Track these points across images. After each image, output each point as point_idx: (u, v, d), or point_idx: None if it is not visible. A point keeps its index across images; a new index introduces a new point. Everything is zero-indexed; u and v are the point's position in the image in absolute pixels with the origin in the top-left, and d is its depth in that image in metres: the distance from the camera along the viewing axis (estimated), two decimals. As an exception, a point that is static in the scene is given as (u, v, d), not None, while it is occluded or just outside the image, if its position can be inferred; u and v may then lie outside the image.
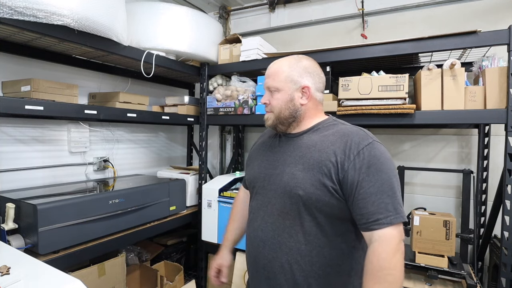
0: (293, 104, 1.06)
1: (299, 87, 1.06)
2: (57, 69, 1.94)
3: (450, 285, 1.68)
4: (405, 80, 1.62)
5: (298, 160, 1.00)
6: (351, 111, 1.71)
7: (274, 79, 1.07)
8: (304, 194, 0.94)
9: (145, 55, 1.90)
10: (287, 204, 0.98)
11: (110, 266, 1.71)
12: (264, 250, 1.02)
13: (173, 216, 2.10)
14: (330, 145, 0.97)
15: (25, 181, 1.81)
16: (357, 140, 0.95)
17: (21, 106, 1.36)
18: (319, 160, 0.96)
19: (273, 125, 1.09)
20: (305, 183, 0.95)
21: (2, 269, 0.95)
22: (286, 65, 1.08)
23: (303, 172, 0.97)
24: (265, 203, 1.05)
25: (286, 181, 0.99)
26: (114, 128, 2.34)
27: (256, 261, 1.06)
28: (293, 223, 0.98)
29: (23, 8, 1.23)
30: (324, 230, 0.96)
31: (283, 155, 1.06)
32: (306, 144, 1.02)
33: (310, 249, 0.96)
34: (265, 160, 1.12)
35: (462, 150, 2.11)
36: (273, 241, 1.01)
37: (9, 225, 1.38)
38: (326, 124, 1.07)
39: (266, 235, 1.03)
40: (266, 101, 1.10)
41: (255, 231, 1.07)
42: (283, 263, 0.98)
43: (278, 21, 2.71)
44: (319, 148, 0.98)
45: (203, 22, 2.19)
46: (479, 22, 1.98)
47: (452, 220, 1.69)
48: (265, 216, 1.05)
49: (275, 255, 1.00)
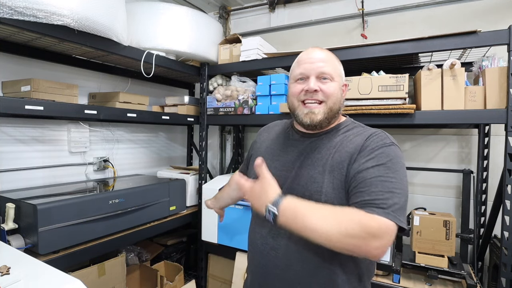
0: (342, 97, 0.98)
1: (343, 83, 0.99)
2: (57, 69, 1.94)
3: (450, 285, 1.68)
4: (405, 80, 1.62)
5: (317, 162, 0.92)
6: (351, 111, 1.71)
7: (331, 66, 0.95)
8: (327, 200, 0.87)
9: (145, 55, 1.90)
10: None
11: (110, 266, 1.71)
12: (276, 259, 0.94)
13: (173, 216, 2.10)
14: (350, 145, 0.91)
15: (25, 181, 1.81)
16: (377, 139, 0.90)
17: (21, 106, 1.36)
18: (339, 161, 0.89)
19: (322, 120, 0.94)
20: (326, 187, 0.88)
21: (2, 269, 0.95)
22: (334, 56, 1.00)
23: (323, 175, 0.89)
24: None
25: (304, 185, 0.92)
26: (114, 128, 2.34)
27: (266, 271, 0.97)
28: None
29: (23, 8, 1.23)
30: None
31: (300, 157, 0.97)
32: (327, 146, 0.95)
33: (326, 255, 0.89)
34: (276, 161, 1.02)
35: (462, 150, 2.11)
36: (287, 249, 0.93)
37: (9, 225, 1.38)
38: (347, 125, 1.00)
39: (279, 243, 0.94)
40: (317, 88, 0.93)
41: (264, 238, 0.98)
42: (298, 275, 0.91)
43: (278, 21, 2.71)
44: (340, 150, 0.92)
45: (203, 22, 2.19)
46: (479, 22, 1.98)
47: (452, 220, 1.69)
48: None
49: (290, 264, 0.92)
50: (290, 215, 0.81)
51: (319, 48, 1.00)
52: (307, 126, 0.97)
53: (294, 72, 1.00)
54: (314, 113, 0.94)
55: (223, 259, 2.25)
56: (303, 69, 0.96)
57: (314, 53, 0.98)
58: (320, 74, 0.95)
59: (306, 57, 0.98)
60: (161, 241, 2.43)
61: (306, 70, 0.96)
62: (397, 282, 1.68)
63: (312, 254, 0.91)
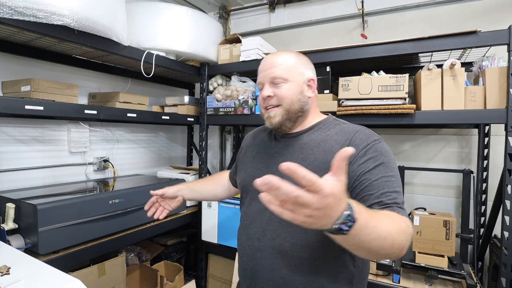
0: (303, 96, 0.99)
1: (306, 79, 1.00)
2: (57, 69, 1.94)
3: (450, 285, 1.68)
4: (405, 80, 1.62)
5: (301, 162, 0.92)
6: (351, 111, 1.71)
7: (281, 68, 0.97)
8: None
9: (145, 55, 1.90)
10: None
11: (110, 266, 1.71)
12: (262, 260, 0.94)
13: (173, 216, 2.10)
14: (335, 145, 0.92)
15: (25, 181, 1.81)
16: (363, 137, 0.91)
17: (21, 106, 1.36)
18: (325, 160, 0.90)
19: (281, 121, 0.97)
20: None
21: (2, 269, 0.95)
22: (292, 56, 1.02)
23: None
24: (261, 209, 0.96)
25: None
26: (114, 128, 2.34)
27: (253, 274, 0.97)
28: (297, 230, 0.89)
29: (23, 8, 1.22)
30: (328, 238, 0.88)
31: (281, 157, 0.99)
32: (308, 145, 0.96)
33: (314, 258, 0.89)
34: (260, 163, 1.03)
35: (462, 150, 2.11)
36: (272, 251, 0.93)
37: (9, 225, 1.38)
38: (327, 123, 1.01)
39: (265, 244, 0.94)
40: (271, 94, 0.97)
41: (250, 239, 0.99)
42: (285, 275, 0.91)
43: (278, 21, 2.71)
44: (323, 148, 0.93)
45: (203, 22, 2.19)
46: (479, 22, 1.98)
47: (452, 220, 1.69)
48: (262, 224, 0.97)
49: (276, 266, 0.92)
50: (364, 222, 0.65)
51: (276, 53, 1.04)
52: (273, 129, 1.01)
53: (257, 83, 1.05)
54: (271, 116, 0.98)
55: (223, 259, 2.25)
56: (259, 78, 1.01)
57: (267, 60, 1.02)
58: (272, 80, 0.98)
59: (262, 65, 1.02)
60: (161, 241, 2.43)
61: (261, 78, 1.01)
62: (397, 282, 1.68)
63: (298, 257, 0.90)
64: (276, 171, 0.93)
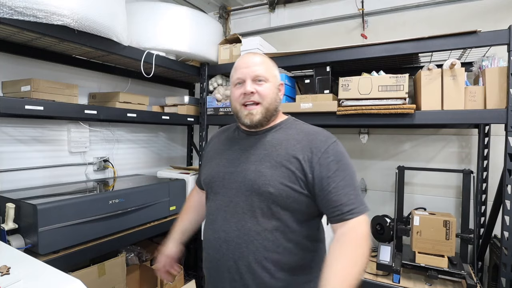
0: (279, 97, 1.07)
1: (279, 83, 1.08)
2: (57, 69, 1.94)
3: (450, 285, 1.68)
4: (405, 80, 1.62)
5: (264, 158, 0.99)
6: (351, 111, 1.71)
7: (263, 68, 1.03)
8: (275, 191, 0.94)
9: (145, 55, 1.90)
10: (255, 202, 0.96)
11: (110, 266, 1.71)
12: (228, 251, 0.98)
13: (173, 216, 2.10)
14: (296, 143, 0.99)
15: (25, 181, 1.81)
16: (323, 138, 0.99)
17: (21, 106, 1.36)
18: (286, 158, 0.97)
19: (261, 119, 1.02)
20: (274, 180, 0.94)
21: (2, 269, 0.95)
22: (268, 59, 1.08)
23: (271, 170, 0.96)
24: (226, 202, 1.01)
25: (252, 179, 0.97)
26: (114, 128, 2.34)
27: (219, 265, 1.01)
28: (260, 221, 0.96)
29: (23, 8, 1.23)
30: (291, 227, 0.96)
31: (245, 153, 1.04)
32: (270, 142, 1.02)
33: (277, 246, 0.95)
34: (223, 159, 1.08)
35: (462, 150, 2.11)
36: (238, 241, 0.97)
37: (9, 225, 1.38)
38: (288, 123, 1.08)
39: (230, 235, 0.98)
40: (253, 90, 1.00)
41: (216, 232, 1.02)
42: (250, 262, 0.95)
43: (278, 21, 2.71)
44: (285, 146, 0.99)
45: (203, 22, 2.19)
46: (479, 22, 1.97)
47: (452, 220, 1.69)
48: (227, 216, 1.00)
49: (241, 255, 0.96)
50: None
51: (253, 53, 1.09)
52: (248, 126, 1.05)
53: (233, 78, 1.07)
54: (253, 113, 1.01)
55: (223, 259, 2.24)
56: (240, 73, 1.04)
57: (248, 58, 1.06)
58: (255, 77, 1.02)
59: (242, 62, 1.06)
60: (161, 241, 2.42)
61: (243, 74, 1.03)
62: (397, 282, 1.69)
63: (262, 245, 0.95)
64: (238, 166, 1.01)
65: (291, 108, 1.91)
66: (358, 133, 2.41)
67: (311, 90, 1.96)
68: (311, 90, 1.96)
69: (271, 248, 0.95)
